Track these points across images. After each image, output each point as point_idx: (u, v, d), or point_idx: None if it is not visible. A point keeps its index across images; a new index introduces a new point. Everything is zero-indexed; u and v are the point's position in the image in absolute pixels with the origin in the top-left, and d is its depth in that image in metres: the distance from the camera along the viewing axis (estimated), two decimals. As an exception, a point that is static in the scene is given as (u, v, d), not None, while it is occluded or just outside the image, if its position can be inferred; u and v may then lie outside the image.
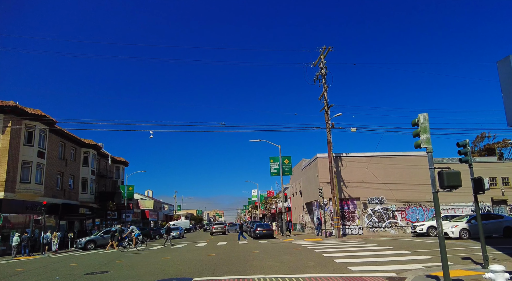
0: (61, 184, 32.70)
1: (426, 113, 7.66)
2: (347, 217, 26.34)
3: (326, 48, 25.34)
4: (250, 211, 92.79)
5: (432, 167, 7.48)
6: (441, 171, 7.48)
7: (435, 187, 7.34)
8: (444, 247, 6.99)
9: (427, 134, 7.51)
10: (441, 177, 7.48)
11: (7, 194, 24.35)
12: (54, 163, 31.03)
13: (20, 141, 26.03)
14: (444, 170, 7.48)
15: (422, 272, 8.81)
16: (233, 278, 9.25)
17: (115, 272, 11.65)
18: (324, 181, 25.97)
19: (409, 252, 13.58)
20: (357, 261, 11.51)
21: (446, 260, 6.85)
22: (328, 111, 25.40)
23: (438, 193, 7.41)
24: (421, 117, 7.63)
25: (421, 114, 7.66)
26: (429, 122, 7.64)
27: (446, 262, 6.84)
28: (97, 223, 40.62)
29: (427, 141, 7.47)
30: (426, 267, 9.72)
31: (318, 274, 9.28)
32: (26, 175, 26.33)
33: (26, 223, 27.06)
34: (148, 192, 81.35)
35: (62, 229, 31.55)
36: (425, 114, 7.65)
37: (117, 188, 46.88)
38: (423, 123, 7.59)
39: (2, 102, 24.85)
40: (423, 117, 7.62)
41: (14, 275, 12.59)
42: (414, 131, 7.80)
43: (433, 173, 7.47)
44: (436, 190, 7.34)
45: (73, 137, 34.64)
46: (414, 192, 26.57)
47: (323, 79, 25.71)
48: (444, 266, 6.80)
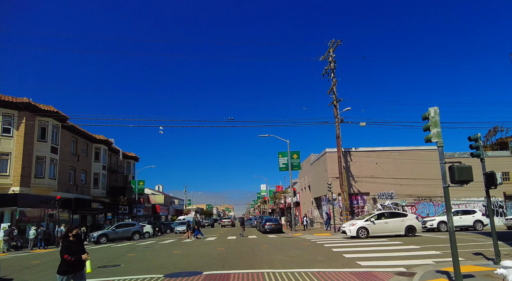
0: (74, 179, 33.35)
1: (437, 107, 7.53)
2: (357, 212, 26.23)
3: (334, 41, 25.07)
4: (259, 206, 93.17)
5: (442, 161, 7.38)
6: (452, 166, 7.37)
7: (445, 182, 7.24)
8: (454, 242, 6.92)
9: (437, 129, 7.39)
10: (452, 172, 7.38)
11: (22, 188, 24.97)
12: (66, 158, 31.63)
13: (34, 137, 26.57)
14: (455, 164, 7.37)
15: (432, 268, 8.74)
16: (243, 272, 9.35)
17: (126, 265, 11.89)
18: (333, 175, 25.87)
19: (419, 247, 13.49)
20: (366, 256, 11.49)
21: (456, 255, 6.78)
22: (337, 105, 25.19)
23: (449, 187, 7.32)
24: (432, 111, 7.51)
25: (432, 108, 7.54)
26: (440, 116, 7.51)
27: (457, 257, 6.78)
28: (109, 217, 41.36)
29: (437, 135, 7.36)
30: (436, 263, 9.65)
31: (327, 268, 9.30)
32: (40, 170, 26.93)
33: (41, 217, 27.74)
34: (159, 186, 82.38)
35: (75, 223, 32.23)
36: (435, 108, 7.53)
37: (128, 183, 47.58)
38: (433, 117, 7.47)
39: (16, 99, 25.36)
40: (433, 111, 7.50)
41: (30, 267, 12.98)
42: (425, 125, 7.68)
43: (443, 167, 7.37)
44: (446, 184, 7.24)
45: (84, 133, 35.20)
46: (425, 186, 26.27)
47: (332, 73, 25.48)
48: (455, 261, 6.74)
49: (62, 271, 5.46)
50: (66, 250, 5.45)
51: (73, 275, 5.52)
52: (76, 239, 5.68)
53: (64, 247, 5.53)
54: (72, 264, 5.44)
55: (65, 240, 5.64)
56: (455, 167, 7.34)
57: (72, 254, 5.41)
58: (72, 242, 5.59)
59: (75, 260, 5.43)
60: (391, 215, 19.52)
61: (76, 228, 5.76)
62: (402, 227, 18.74)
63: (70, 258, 5.37)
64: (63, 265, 5.46)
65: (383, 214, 19.72)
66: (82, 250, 5.67)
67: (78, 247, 5.62)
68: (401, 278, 7.84)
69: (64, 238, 5.68)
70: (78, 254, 5.50)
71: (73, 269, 5.49)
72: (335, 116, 25.21)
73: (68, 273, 5.44)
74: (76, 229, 5.74)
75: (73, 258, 5.40)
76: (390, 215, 19.40)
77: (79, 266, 5.59)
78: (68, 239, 5.61)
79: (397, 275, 8.22)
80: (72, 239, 5.63)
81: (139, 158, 52.70)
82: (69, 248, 5.48)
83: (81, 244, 5.76)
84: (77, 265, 5.54)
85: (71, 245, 5.54)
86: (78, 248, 5.59)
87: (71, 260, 5.38)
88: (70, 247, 5.49)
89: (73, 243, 5.58)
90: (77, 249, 5.56)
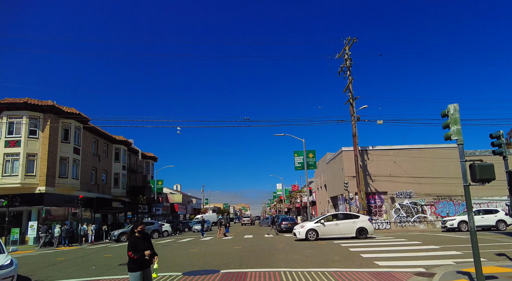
0: (95, 178, 34.39)
1: (457, 104, 7.37)
2: (374, 212, 25.87)
3: (350, 39, 24.79)
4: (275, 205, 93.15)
5: (463, 159, 7.22)
6: (473, 164, 7.21)
7: (466, 180, 7.09)
8: (476, 243, 6.78)
9: (457, 126, 7.24)
10: (473, 170, 7.21)
11: (48, 188, 26.00)
12: (88, 159, 32.66)
13: (58, 138, 27.61)
14: (476, 162, 7.20)
15: (452, 268, 8.57)
16: (259, 270, 9.42)
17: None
18: (350, 174, 25.60)
19: (439, 247, 13.21)
20: (385, 256, 11.36)
21: (478, 256, 6.64)
22: (353, 103, 24.91)
23: (470, 186, 7.16)
24: (451, 108, 7.35)
25: (451, 105, 7.38)
26: (460, 113, 7.36)
27: (479, 257, 6.64)
28: (129, 216, 42.37)
29: (457, 133, 7.21)
30: (457, 263, 9.44)
31: (344, 268, 9.24)
32: (64, 170, 27.95)
33: (65, 216, 28.82)
34: (177, 186, 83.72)
35: (97, 222, 33.25)
36: (455, 105, 7.37)
37: (147, 183, 48.60)
38: (453, 114, 7.31)
39: (41, 102, 26.42)
40: (453, 108, 7.34)
41: (56, 263, 13.55)
42: (444, 122, 7.54)
43: (464, 165, 7.22)
44: (467, 183, 7.09)
45: (105, 134, 36.22)
46: (445, 185, 25.61)
47: (348, 71, 25.20)
48: (477, 262, 6.60)
49: (129, 268, 5.33)
50: (131, 246, 5.31)
51: (141, 272, 5.33)
52: (142, 235, 5.49)
53: (129, 243, 5.41)
54: (138, 261, 5.26)
55: (131, 236, 5.49)
56: (476, 165, 7.17)
57: (137, 251, 5.25)
58: (137, 238, 5.42)
59: (138, 258, 5.23)
60: (343, 216, 19.35)
61: (142, 224, 5.58)
62: (353, 229, 18.39)
63: (133, 255, 5.21)
64: (129, 263, 5.34)
65: (335, 215, 19.67)
66: (149, 247, 5.44)
67: (144, 243, 5.42)
68: (420, 279, 7.73)
69: (130, 235, 5.54)
70: (144, 251, 5.31)
71: (140, 267, 5.30)
72: (351, 115, 24.94)
73: (135, 271, 5.27)
74: (141, 225, 5.55)
75: (136, 256, 5.21)
76: (342, 217, 19.24)
77: (145, 263, 5.38)
78: (134, 236, 5.46)
79: (416, 275, 8.10)
80: (138, 235, 5.44)
81: (158, 158, 53.71)
82: (134, 244, 5.32)
83: (148, 241, 5.53)
84: (144, 262, 5.34)
85: (137, 241, 5.37)
86: (144, 244, 5.40)
87: (133, 257, 5.22)
88: (135, 243, 5.33)
89: (138, 239, 5.40)
90: (143, 245, 5.37)
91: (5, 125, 25.49)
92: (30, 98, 26.15)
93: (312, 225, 18.59)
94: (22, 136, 25.50)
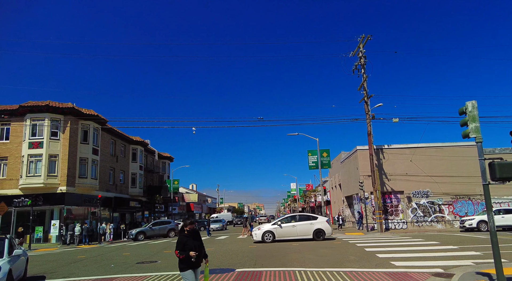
0: (113, 178, 35.24)
1: (475, 101, 7.22)
2: (390, 211, 25.49)
3: (364, 37, 24.49)
4: (289, 204, 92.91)
5: (482, 157, 7.07)
6: (493, 162, 7.04)
7: (485, 179, 6.93)
8: (496, 243, 6.63)
9: (476, 123, 7.09)
10: (492, 168, 7.04)
11: (68, 188, 26.87)
12: (106, 159, 33.51)
13: (77, 139, 28.50)
14: (495, 160, 7.03)
15: (472, 269, 8.39)
16: (274, 270, 9.46)
17: (163, 262, 12.45)
18: (365, 174, 25.31)
19: (458, 247, 12.93)
20: (401, 256, 11.21)
21: (499, 257, 6.49)
22: (368, 102, 24.61)
23: (490, 185, 7.01)
24: (469, 105, 7.20)
25: (469, 102, 7.23)
26: (478, 110, 7.21)
27: (499, 258, 6.49)
28: (146, 215, 43.20)
29: (476, 130, 7.06)
30: (476, 264, 9.24)
31: (359, 268, 9.18)
32: (83, 170, 28.81)
33: (85, 215, 29.69)
34: (193, 185, 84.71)
35: (115, 221, 34.09)
36: (473, 101, 7.22)
37: (164, 182, 49.42)
38: (471, 111, 7.16)
39: (62, 104, 27.35)
40: (471, 105, 7.19)
41: (77, 261, 14.02)
42: (462, 120, 7.39)
43: (483, 164, 7.06)
44: (486, 182, 6.94)
45: (122, 135, 37.06)
46: (463, 184, 24.97)
47: (362, 69, 24.91)
48: (497, 263, 6.45)
49: (180, 267, 5.11)
50: (180, 244, 5.08)
51: (192, 271, 5.09)
52: (192, 233, 5.24)
53: (177, 241, 5.18)
54: (185, 260, 5.03)
55: (181, 234, 5.28)
56: (496, 163, 7.00)
57: (185, 249, 5.01)
58: (186, 236, 5.18)
59: (185, 257, 4.98)
60: (301, 218, 19.11)
61: (192, 223, 5.31)
62: (310, 231, 18.19)
63: (179, 255, 5.01)
64: (179, 262, 5.12)
65: (293, 217, 19.47)
66: (199, 246, 5.19)
67: (194, 242, 5.17)
68: (438, 279, 7.61)
69: (180, 233, 5.34)
70: (193, 250, 5.05)
71: (189, 266, 5.05)
72: (366, 113, 24.64)
73: (184, 270, 5.05)
74: (191, 224, 5.28)
75: (182, 256, 4.99)
76: (299, 218, 19.00)
77: (195, 263, 5.09)
78: (184, 233, 5.24)
79: (434, 276, 7.96)
80: (188, 234, 5.22)
81: (174, 158, 54.55)
82: (183, 242, 5.09)
83: (197, 240, 5.27)
84: (192, 262, 5.05)
85: (186, 239, 5.13)
86: (193, 243, 5.14)
87: (179, 257, 5.02)
88: (184, 241, 5.10)
89: (188, 237, 5.16)
90: (193, 244, 5.12)
91: (28, 127, 26.52)
92: (51, 101, 27.13)
93: (269, 227, 18.55)
94: (45, 138, 26.44)
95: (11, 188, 26.49)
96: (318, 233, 18.13)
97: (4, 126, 27.87)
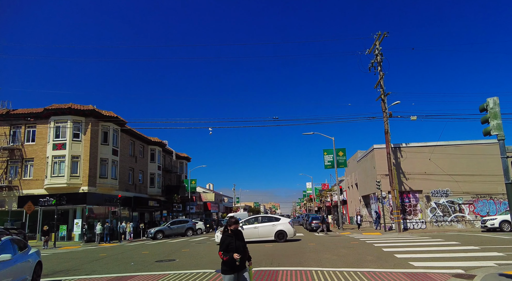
0: (133, 178, 36.12)
1: (497, 97, 7.08)
2: (408, 211, 25.03)
3: (381, 34, 24.13)
4: (305, 204, 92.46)
5: (504, 155, 6.94)
6: (515, 160, 6.91)
7: (508, 178, 6.80)
8: (518, 244, 6.49)
9: (497, 120, 6.95)
10: (515, 167, 6.90)
11: (90, 187, 27.78)
12: (125, 160, 34.37)
13: (98, 141, 29.40)
14: (518, 159, 6.89)
15: (494, 270, 8.18)
16: (291, 269, 9.50)
17: (181, 260, 12.71)
18: (382, 173, 24.95)
19: (479, 248, 12.60)
20: (420, 256, 11.04)
21: (522, 258, 6.36)
22: (385, 99, 24.25)
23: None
24: (491, 101, 7.07)
25: (491, 98, 7.10)
26: (500, 107, 7.07)
27: (522, 260, 6.35)
28: (164, 215, 44.04)
29: (498, 128, 6.93)
30: (499, 265, 9.00)
31: (377, 268, 9.10)
32: (104, 171, 29.69)
33: (106, 214, 30.59)
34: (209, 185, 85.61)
35: (134, 220, 34.94)
36: (495, 98, 7.08)
37: (181, 182, 50.21)
38: (493, 108, 7.03)
39: (83, 107, 28.29)
40: (492, 102, 7.05)
41: (99, 259, 14.52)
42: (483, 117, 7.26)
43: (505, 162, 6.92)
44: (509, 181, 6.81)
45: (141, 136, 37.89)
46: (484, 183, 24.25)
47: (379, 67, 24.57)
48: (520, 264, 6.32)
49: (222, 270, 4.78)
50: (223, 245, 4.80)
51: (234, 275, 4.73)
52: (235, 234, 4.92)
53: (221, 241, 4.91)
54: (228, 263, 4.69)
55: (224, 234, 4.95)
56: (519, 161, 6.86)
57: (228, 251, 4.71)
58: (230, 236, 4.87)
59: (228, 259, 4.66)
60: (263, 219, 18.92)
61: (236, 222, 4.96)
62: (272, 232, 18.12)
63: (223, 256, 4.71)
64: (222, 264, 4.78)
65: (256, 218, 19.31)
66: (243, 247, 4.86)
67: (238, 242, 4.83)
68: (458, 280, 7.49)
69: (223, 233, 5.00)
70: (237, 251, 4.71)
71: (232, 269, 4.68)
72: (383, 111, 24.29)
73: (227, 273, 4.70)
74: (236, 224, 4.93)
75: (225, 257, 4.67)
76: (262, 220, 18.83)
77: (238, 266, 4.70)
78: (227, 233, 4.93)
79: (454, 277, 7.80)
80: (231, 233, 4.91)
81: (191, 158, 55.29)
82: (226, 244, 4.78)
83: (241, 240, 4.94)
84: (235, 265, 4.67)
85: (230, 239, 4.82)
86: (237, 244, 4.81)
87: (223, 258, 4.71)
88: (228, 242, 4.79)
89: (231, 237, 4.85)
90: (237, 245, 4.79)
91: (52, 129, 27.58)
92: (73, 103, 28.13)
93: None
94: (67, 139, 27.44)
95: (37, 188, 27.66)
96: (280, 234, 18.11)
97: (30, 128, 29.14)
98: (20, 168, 28.57)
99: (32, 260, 8.38)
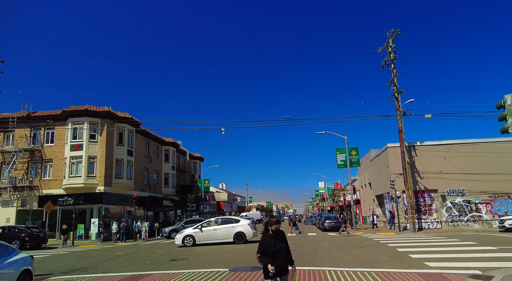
0: (147, 178, 36.73)
1: (514, 94, 6.93)
2: (423, 210, 24.64)
3: (394, 31, 23.83)
4: (317, 203, 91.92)
5: (522, 154, 6.78)
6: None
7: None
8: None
9: (515, 118, 6.80)
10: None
11: (106, 187, 28.43)
12: (140, 160, 34.99)
13: (113, 141, 30.05)
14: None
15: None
16: (304, 269, 9.50)
17: (195, 259, 12.90)
18: (396, 172, 24.63)
19: (497, 248, 12.34)
20: (435, 256, 10.91)
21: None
22: (398, 97, 23.95)
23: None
24: (509, 98, 6.91)
25: (508, 95, 6.94)
26: (518, 104, 6.91)
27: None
28: (178, 214, 44.60)
29: (515, 125, 6.77)
30: (517, 266, 8.83)
31: (391, 269, 9.04)
32: (119, 171, 30.33)
33: (121, 213, 31.24)
34: (222, 185, 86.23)
35: (149, 219, 35.50)
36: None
37: (195, 182, 50.77)
38: (510, 105, 6.87)
39: (99, 108, 28.96)
40: (510, 99, 6.89)
41: (115, 258, 14.88)
42: (500, 114, 7.11)
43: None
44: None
45: (155, 136, 38.47)
46: (502, 182, 23.63)
47: (392, 64, 24.27)
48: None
49: (264, 274, 4.33)
50: (262, 246, 4.36)
51: (275, 279, 4.27)
52: (277, 234, 4.47)
53: (260, 242, 4.45)
54: (265, 269, 4.27)
55: (264, 235, 4.51)
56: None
57: (269, 252, 4.29)
58: (270, 237, 4.42)
59: (263, 266, 4.27)
60: (223, 221, 18.90)
61: (278, 222, 4.52)
62: (231, 234, 18.11)
63: (259, 260, 4.33)
64: (263, 268, 4.34)
65: (216, 220, 19.38)
66: (285, 249, 4.43)
67: (279, 244, 4.38)
68: (475, 282, 7.39)
69: (264, 233, 4.56)
70: (278, 253, 4.30)
71: (274, 273, 4.20)
72: (396, 109, 23.99)
73: (268, 278, 4.24)
74: (278, 224, 4.48)
75: (261, 263, 4.29)
76: (222, 222, 18.85)
77: (281, 271, 4.29)
78: (268, 234, 4.49)
79: (471, 278, 7.68)
80: (272, 234, 4.46)
81: (204, 158, 55.80)
82: (266, 245, 4.34)
83: (284, 241, 4.49)
84: (278, 269, 4.22)
85: (270, 241, 4.37)
86: (279, 246, 4.36)
87: (260, 263, 4.33)
88: (268, 244, 4.34)
89: (271, 238, 4.39)
90: (278, 247, 4.34)
91: (70, 131, 28.36)
92: (90, 105, 28.84)
93: (190, 231, 18.59)
94: (84, 141, 28.15)
95: (56, 188, 28.50)
96: (239, 236, 18.17)
97: (49, 130, 30.05)
98: (40, 168, 29.49)
99: (14, 269, 7.17)
